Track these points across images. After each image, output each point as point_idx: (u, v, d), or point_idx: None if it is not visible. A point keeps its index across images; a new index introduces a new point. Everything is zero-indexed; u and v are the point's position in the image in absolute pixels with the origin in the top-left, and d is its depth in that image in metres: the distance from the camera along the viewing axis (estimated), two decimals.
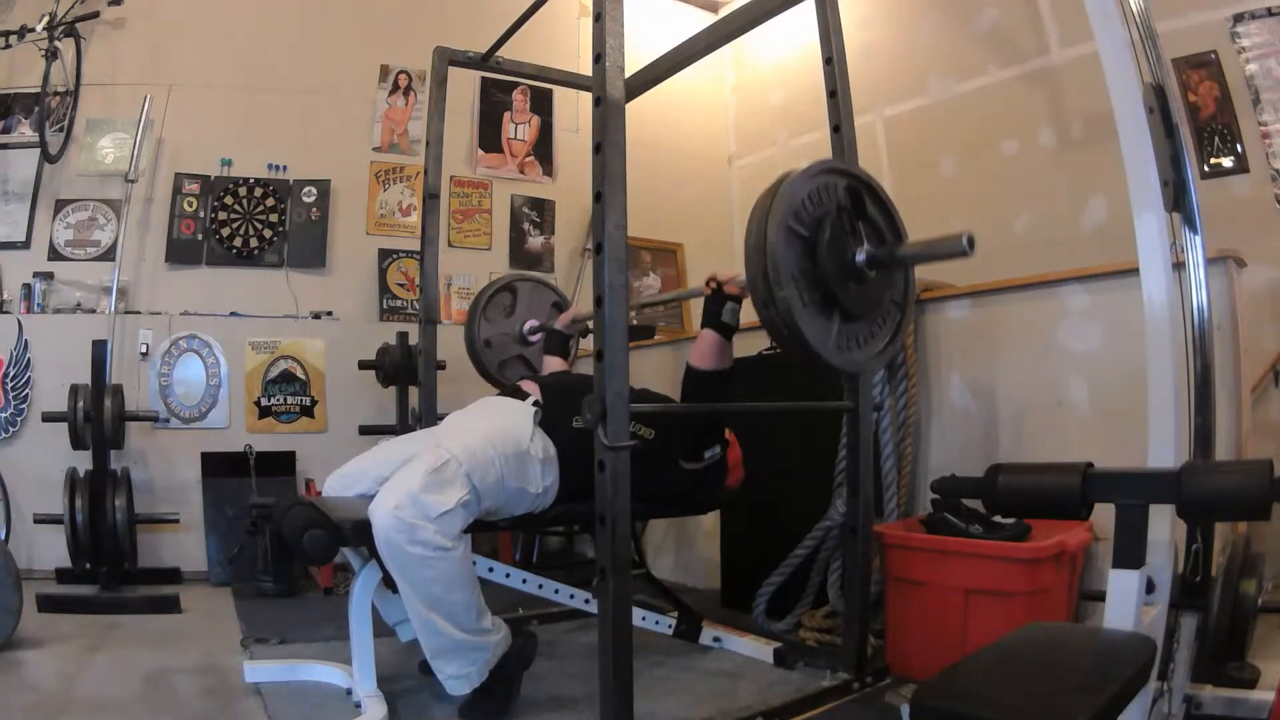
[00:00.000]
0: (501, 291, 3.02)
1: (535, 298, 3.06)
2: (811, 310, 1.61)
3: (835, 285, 1.62)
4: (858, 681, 2.05)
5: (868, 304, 1.72)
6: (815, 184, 1.67)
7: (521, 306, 3.03)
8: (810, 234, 1.62)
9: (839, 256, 1.64)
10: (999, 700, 0.89)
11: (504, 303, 3.01)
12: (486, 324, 2.96)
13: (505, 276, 3.18)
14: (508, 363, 2.96)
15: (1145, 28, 1.74)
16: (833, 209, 1.66)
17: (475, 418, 2.12)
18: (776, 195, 1.59)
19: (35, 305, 3.44)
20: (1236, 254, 2.07)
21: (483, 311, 2.95)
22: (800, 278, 1.60)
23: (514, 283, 3.07)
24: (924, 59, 3.91)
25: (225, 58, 3.84)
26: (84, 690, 2.00)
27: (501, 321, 3.00)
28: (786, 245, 1.57)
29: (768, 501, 2.59)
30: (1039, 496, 1.25)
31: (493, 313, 2.99)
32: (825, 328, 1.64)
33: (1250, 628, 1.79)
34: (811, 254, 1.62)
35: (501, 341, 2.98)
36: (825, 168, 1.72)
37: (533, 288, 3.10)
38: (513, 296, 3.03)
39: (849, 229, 1.66)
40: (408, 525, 1.69)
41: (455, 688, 1.82)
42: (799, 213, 1.62)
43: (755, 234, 1.57)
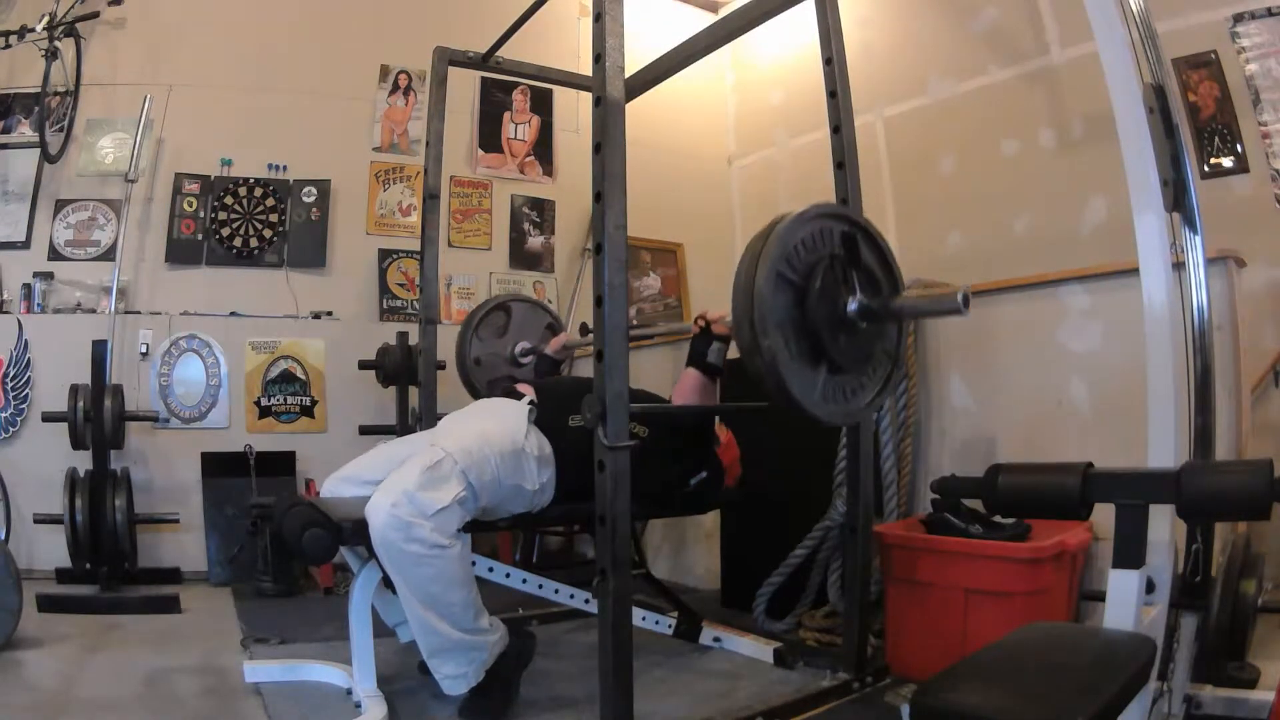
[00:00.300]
0: (496, 310, 3.00)
1: (529, 319, 3.04)
2: (798, 361, 1.56)
3: (824, 335, 1.57)
4: (858, 681, 2.05)
5: (857, 355, 1.66)
6: (811, 229, 1.61)
7: (515, 327, 3.01)
8: (802, 281, 1.57)
9: (830, 306, 1.58)
10: (999, 700, 0.89)
11: (498, 322, 3.00)
12: (478, 342, 2.94)
13: (500, 296, 3.16)
14: (496, 382, 2.95)
15: (1145, 28, 1.74)
16: (826, 256, 1.60)
17: (471, 417, 2.13)
18: (769, 239, 1.54)
19: (35, 305, 3.44)
20: (1236, 254, 2.07)
21: (475, 329, 2.94)
22: (788, 325, 1.55)
23: (509, 303, 3.05)
24: (924, 59, 3.91)
25: (225, 58, 3.84)
26: (84, 690, 2.00)
27: (493, 341, 2.98)
28: (775, 291, 1.52)
29: (767, 501, 2.58)
30: (1039, 496, 1.25)
31: (485, 331, 2.97)
32: (811, 379, 1.59)
33: (1250, 628, 1.79)
34: (801, 302, 1.57)
35: (492, 361, 2.97)
36: (822, 212, 1.66)
37: (528, 309, 3.08)
38: (507, 316, 3.01)
39: (842, 278, 1.61)
40: (404, 523, 1.70)
41: (452, 688, 1.82)
42: (791, 258, 1.56)
43: (744, 278, 1.52)
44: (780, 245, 1.54)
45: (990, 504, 1.31)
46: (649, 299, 4.67)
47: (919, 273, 2.73)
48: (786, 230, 1.56)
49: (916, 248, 3.83)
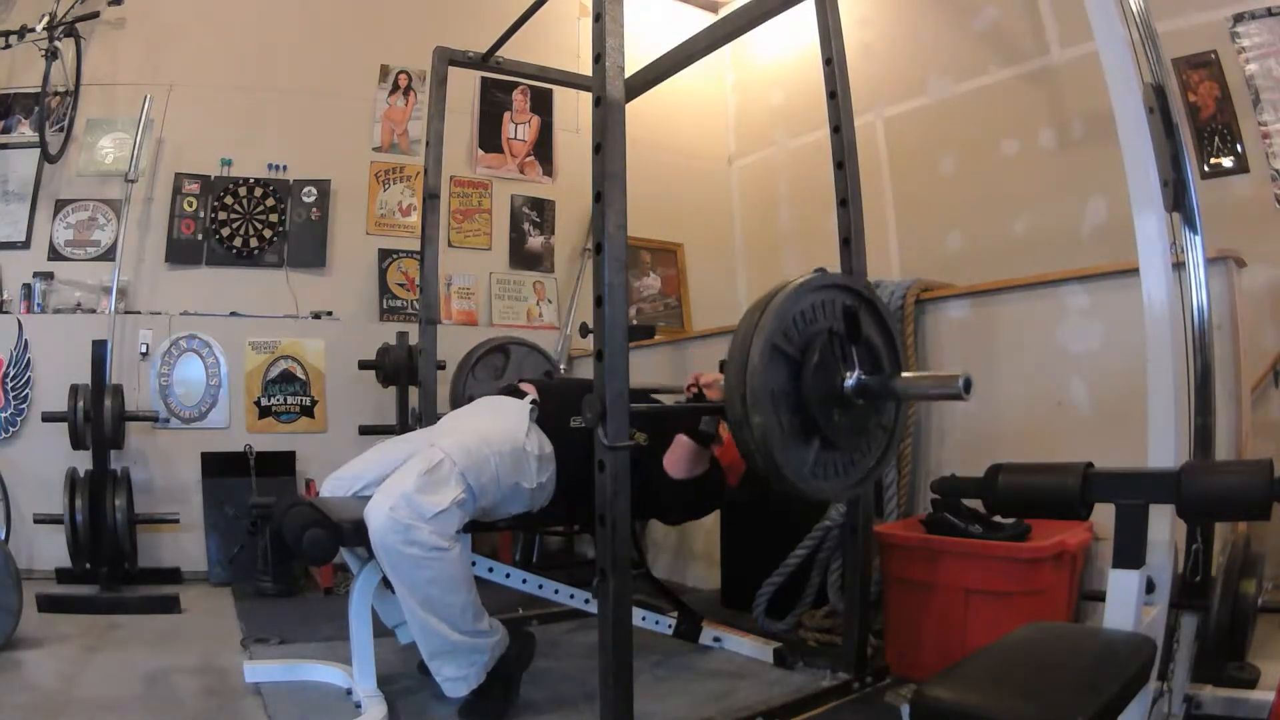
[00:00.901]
0: (494, 352, 3.00)
1: (527, 363, 3.04)
2: (790, 437, 1.53)
3: (818, 413, 1.55)
4: (858, 681, 2.05)
5: (852, 432, 1.64)
6: (812, 300, 1.59)
7: (512, 369, 3.01)
8: (798, 355, 1.55)
9: (826, 382, 1.56)
10: (999, 700, 0.89)
11: (495, 363, 3.00)
12: (474, 381, 2.94)
13: (499, 339, 3.14)
14: None
15: (1145, 28, 1.74)
16: (826, 329, 1.58)
17: (471, 416, 2.13)
18: (766, 310, 1.52)
19: (35, 305, 3.44)
20: (1236, 254, 2.07)
21: (472, 369, 2.93)
22: (781, 401, 1.52)
23: (508, 345, 3.05)
24: (924, 59, 3.91)
25: (225, 58, 3.84)
26: (84, 690, 2.00)
27: (489, 382, 2.98)
28: (770, 366, 1.50)
29: (767, 501, 2.58)
30: (1039, 496, 1.25)
31: (482, 372, 2.97)
32: (802, 456, 1.56)
33: (1250, 628, 1.79)
34: (797, 376, 1.54)
35: None
36: (825, 283, 1.63)
37: (525, 353, 3.08)
38: (505, 359, 3.01)
39: (840, 354, 1.58)
40: (403, 526, 1.69)
41: (453, 690, 1.82)
42: (789, 330, 1.54)
43: (738, 351, 1.50)
44: (777, 319, 1.52)
45: (990, 504, 1.31)
46: (649, 299, 4.68)
47: (919, 273, 2.73)
48: (785, 302, 1.53)
49: (916, 248, 3.84)
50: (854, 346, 1.61)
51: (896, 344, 1.73)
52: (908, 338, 2.51)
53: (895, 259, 3.86)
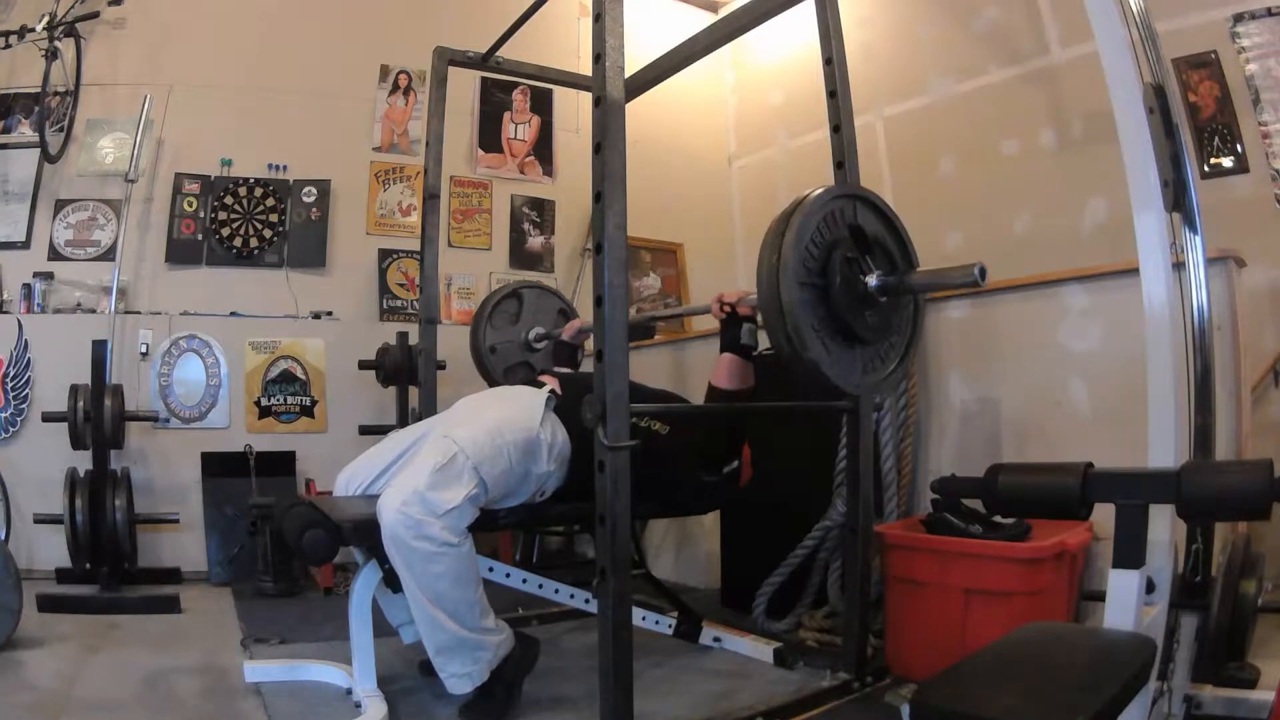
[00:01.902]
0: (508, 298, 3.02)
1: (541, 305, 3.07)
2: (823, 335, 1.65)
3: (847, 311, 1.65)
4: (858, 681, 2.05)
5: (880, 328, 1.74)
6: (829, 209, 1.68)
7: (527, 313, 3.03)
8: (823, 260, 1.65)
9: (850, 284, 1.66)
10: (999, 700, 0.89)
11: (510, 310, 3.02)
12: (492, 330, 2.97)
13: (511, 284, 3.18)
14: (513, 369, 2.97)
15: (1145, 28, 1.74)
16: (842, 238, 1.68)
17: (487, 403, 2.13)
18: (790, 221, 1.61)
19: (35, 305, 3.44)
20: (1236, 254, 2.07)
21: (488, 318, 2.96)
22: (812, 302, 1.63)
23: (520, 290, 3.07)
24: (924, 59, 3.91)
25: (225, 58, 3.83)
26: (84, 690, 2.00)
27: (507, 328, 3.01)
28: (799, 271, 1.60)
29: (768, 501, 2.58)
30: (1039, 496, 1.25)
31: (498, 319, 2.99)
32: (836, 353, 1.67)
33: (1250, 628, 1.79)
34: (824, 278, 1.65)
35: (507, 348, 2.99)
36: (840, 193, 1.73)
37: (538, 295, 3.10)
38: (519, 303, 3.03)
39: (859, 258, 1.68)
40: (415, 521, 1.70)
41: (457, 686, 1.82)
42: (813, 238, 1.64)
43: (769, 259, 1.60)
44: (802, 228, 1.62)
45: (990, 504, 1.31)
46: (649, 299, 4.67)
47: None
48: (808, 211, 1.63)
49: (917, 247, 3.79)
50: (871, 249, 1.71)
51: (908, 245, 1.81)
52: None
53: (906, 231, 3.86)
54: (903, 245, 1.80)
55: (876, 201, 1.80)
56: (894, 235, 1.80)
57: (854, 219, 1.73)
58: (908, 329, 1.84)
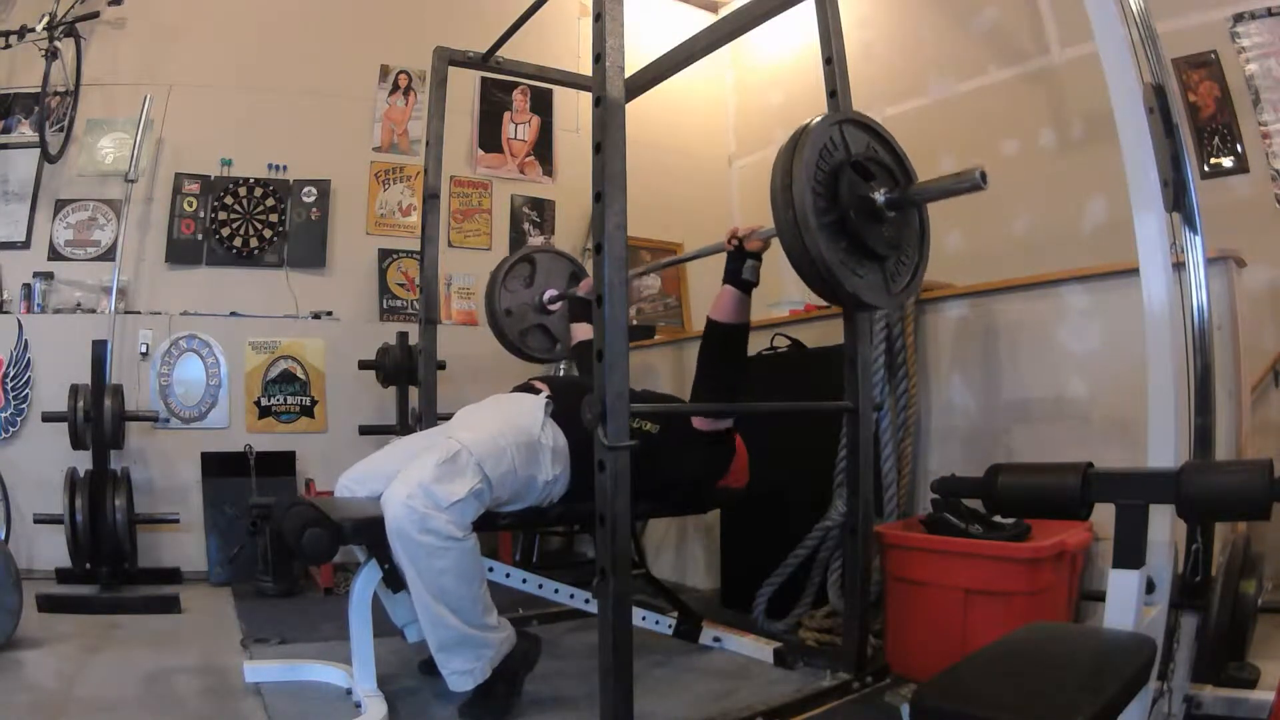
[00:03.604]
0: (520, 263, 3.04)
1: (553, 267, 3.09)
2: (840, 252, 1.70)
3: (860, 226, 1.71)
4: (858, 681, 2.05)
5: (889, 243, 1.80)
6: (832, 133, 1.75)
7: (540, 276, 3.05)
8: (833, 179, 1.71)
9: (860, 200, 1.72)
10: (999, 700, 0.89)
11: (523, 273, 3.04)
12: (507, 294, 2.98)
13: (524, 248, 3.20)
14: (528, 331, 3.00)
15: (1145, 28, 1.74)
16: (848, 159, 1.74)
17: (486, 411, 2.13)
18: (798, 145, 1.68)
19: (35, 305, 3.44)
20: (1236, 254, 2.07)
21: (502, 282, 2.97)
22: (826, 220, 1.68)
23: (532, 254, 3.09)
24: (924, 59, 3.91)
25: (225, 58, 3.84)
26: (84, 690, 2.00)
27: (521, 291, 3.03)
28: (811, 191, 1.66)
29: (768, 502, 2.58)
30: (1039, 496, 1.25)
31: (512, 283, 3.01)
32: (853, 268, 1.73)
33: (1250, 628, 1.79)
34: (835, 197, 1.70)
35: (521, 310, 3.01)
36: (840, 119, 1.79)
37: (551, 258, 3.12)
38: (531, 267, 3.05)
39: (866, 177, 1.75)
40: (419, 515, 1.71)
41: (459, 683, 1.82)
42: (821, 161, 1.70)
43: (781, 181, 1.68)
44: (810, 150, 1.68)
45: (990, 504, 1.31)
46: (649, 299, 4.68)
47: None
48: (814, 135, 1.70)
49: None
50: (875, 168, 1.77)
51: (906, 164, 1.88)
52: (908, 338, 2.52)
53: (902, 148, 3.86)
54: (900, 162, 1.86)
55: (876, 126, 1.86)
56: (891, 154, 1.86)
57: (857, 141, 1.80)
58: (917, 242, 1.91)
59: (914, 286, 1.92)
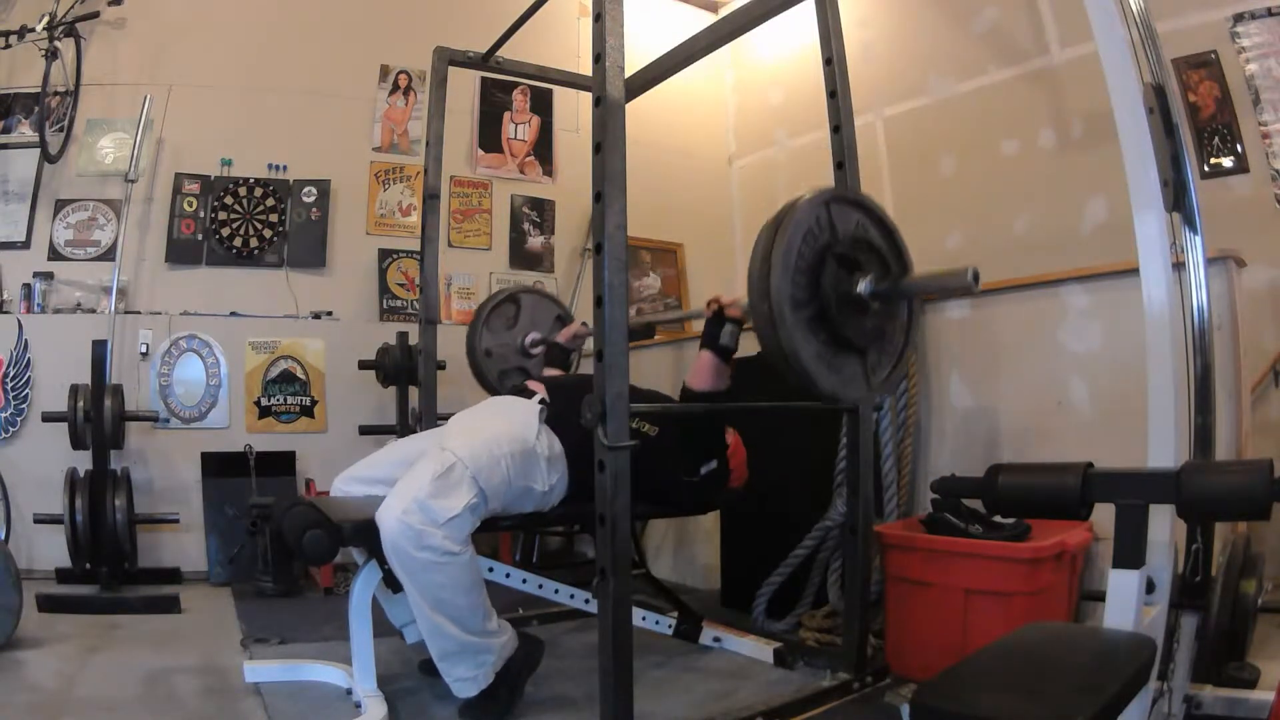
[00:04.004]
0: (505, 303, 3.01)
1: (539, 311, 3.05)
2: (814, 342, 1.62)
3: (838, 317, 1.62)
4: (858, 681, 2.05)
5: (871, 335, 1.71)
6: (820, 213, 1.66)
7: (525, 318, 3.02)
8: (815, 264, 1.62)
9: (842, 289, 1.63)
10: (999, 700, 0.89)
11: (507, 314, 3.01)
12: (488, 334, 2.95)
13: (510, 288, 3.17)
14: (508, 373, 2.95)
15: (1145, 28, 1.74)
16: (836, 241, 1.66)
17: (481, 417, 2.12)
18: (781, 225, 1.58)
19: (35, 305, 3.44)
20: (1236, 254, 2.07)
21: (485, 321, 2.94)
22: (803, 307, 1.60)
23: (518, 294, 3.06)
24: (924, 59, 3.91)
25: (225, 58, 3.84)
26: (84, 690, 2.00)
27: (504, 332, 2.99)
28: (790, 275, 1.57)
29: (767, 501, 2.58)
30: (1039, 496, 1.25)
31: (495, 323, 2.98)
32: (827, 360, 1.64)
33: (1250, 628, 1.79)
34: (816, 284, 1.62)
35: (503, 352, 2.97)
36: (831, 196, 1.70)
37: (536, 300, 3.09)
38: (516, 308, 3.02)
39: (851, 263, 1.66)
40: (415, 531, 1.69)
41: (463, 690, 1.82)
42: (805, 242, 1.61)
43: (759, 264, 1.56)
44: (793, 232, 1.58)
45: (990, 504, 1.31)
46: (649, 299, 4.67)
47: None
48: (799, 216, 1.60)
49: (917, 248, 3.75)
50: (863, 254, 1.69)
51: (901, 249, 1.78)
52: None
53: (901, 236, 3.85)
54: (896, 248, 1.77)
55: (869, 204, 1.78)
56: (888, 238, 1.77)
57: (846, 222, 1.71)
58: (902, 333, 1.82)
59: (896, 376, 1.83)
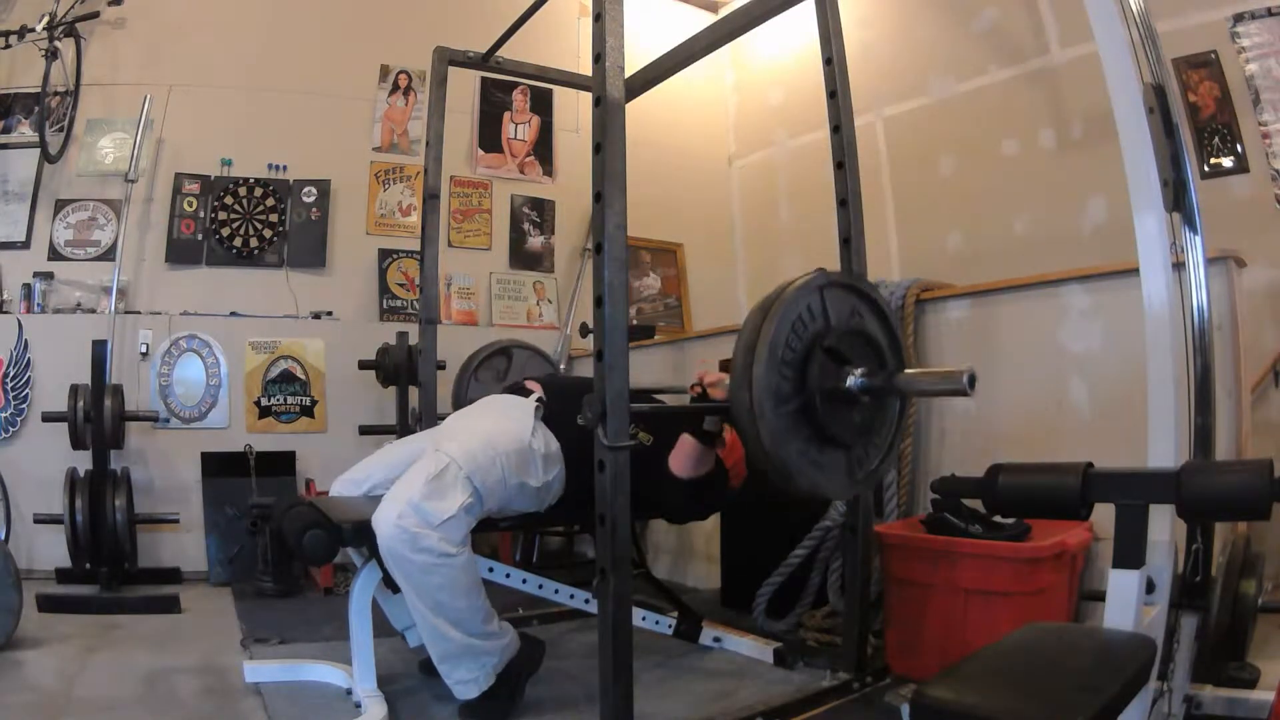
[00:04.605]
0: (496, 355, 2.99)
1: (530, 366, 3.04)
2: (796, 437, 1.56)
3: (824, 411, 1.56)
4: (858, 681, 2.05)
5: (858, 430, 1.65)
6: (814, 299, 1.60)
7: (515, 372, 3.00)
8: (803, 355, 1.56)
9: (830, 382, 1.57)
10: (999, 700, 0.89)
11: (498, 366, 3.00)
12: (476, 385, 2.93)
13: (501, 341, 3.14)
14: None
15: (1145, 28, 1.74)
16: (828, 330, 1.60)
17: (476, 417, 2.12)
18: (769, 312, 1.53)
19: (35, 305, 3.44)
20: (1236, 254, 2.07)
21: (474, 372, 2.92)
22: (787, 400, 1.54)
23: (510, 348, 3.05)
24: (924, 59, 3.91)
25: (225, 58, 3.84)
26: (84, 690, 2.00)
27: (492, 385, 2.98)
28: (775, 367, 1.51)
29: (768, 502, 2.58)
30: (1039, 496, 1.24)
31: (484, 374, 2.96)
32: (809, 455, 1.59)
33: (1250, 628, 1.79)
34: (802, 376, 1.56)
35: None
36: (827, 281, 1.64)
37: (528, 356, 3.08)
38: (508, 361, 3.01)
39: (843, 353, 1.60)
40: (410, 534, 1.69)
41: (464, 692, 1.82)
42: (793, 331, 1.55)
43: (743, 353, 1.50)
44: (781, 321, 1.52)
45: (990, 504, 1.31)
46: (649, 299, 4.68)
47: (919, 273, 2.73)
48: (788, 303, 1.54)
49: (916, 248, 3.83)
50: (856, 345, 1.62)
51: (899, 340, 1.73)
52: (908, 338, 2.51)
53: (895, 259, 3.86)
54: (893, 339, 1.71)
55: (867, 290, 1.72)
56: (885, 329, 1.71)
57: (841, 311, 1.64)
58: (886, 438, 1.75)
59: (883, 470, 1.76)
